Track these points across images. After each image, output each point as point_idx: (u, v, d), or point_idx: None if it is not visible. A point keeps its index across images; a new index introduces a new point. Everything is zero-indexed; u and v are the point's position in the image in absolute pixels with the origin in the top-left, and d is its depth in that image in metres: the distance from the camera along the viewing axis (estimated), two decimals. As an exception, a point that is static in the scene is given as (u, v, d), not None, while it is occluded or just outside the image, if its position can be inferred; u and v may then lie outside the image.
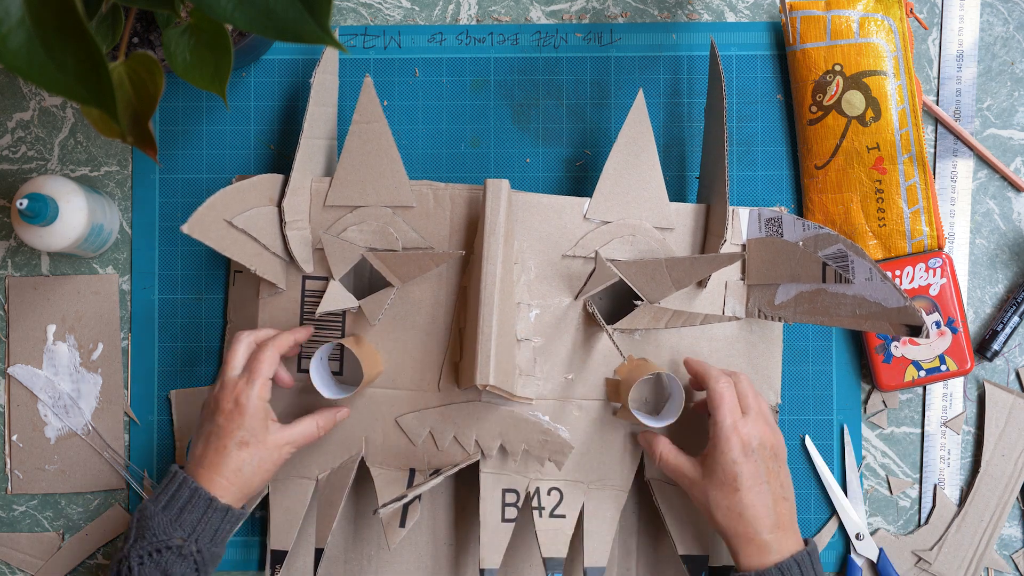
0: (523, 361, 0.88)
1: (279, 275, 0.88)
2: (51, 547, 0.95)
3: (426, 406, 0.88)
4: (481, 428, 0.87)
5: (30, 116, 0.97)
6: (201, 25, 0.72)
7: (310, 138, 0.89)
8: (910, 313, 0.79)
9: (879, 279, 0.80)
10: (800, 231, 0.86)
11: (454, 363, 0.88)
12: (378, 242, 0.88)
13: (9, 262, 0.96)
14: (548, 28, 0.97)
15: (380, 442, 0.89)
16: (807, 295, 0.85)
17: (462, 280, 0.88)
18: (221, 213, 0.83)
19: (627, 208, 0.88)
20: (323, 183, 0.89)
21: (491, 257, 0.83)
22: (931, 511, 0.95)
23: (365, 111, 0.87)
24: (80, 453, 0.95)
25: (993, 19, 0.98)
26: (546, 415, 0.88)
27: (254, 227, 0.85)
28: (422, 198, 0.88)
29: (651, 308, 0.85)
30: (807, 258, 0.84)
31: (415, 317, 0.88)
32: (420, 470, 0.89)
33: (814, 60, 0.93)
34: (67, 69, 0.54)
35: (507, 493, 0.87)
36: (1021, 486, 0.94)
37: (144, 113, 0.65)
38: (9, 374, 0.96)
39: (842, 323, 0.83)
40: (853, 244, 0.82)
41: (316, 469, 0.90)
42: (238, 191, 0.84)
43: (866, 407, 0.96)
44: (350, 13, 0.98)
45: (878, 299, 0.80)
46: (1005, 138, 0.97)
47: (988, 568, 0.95)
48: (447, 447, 0.88)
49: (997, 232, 0.97)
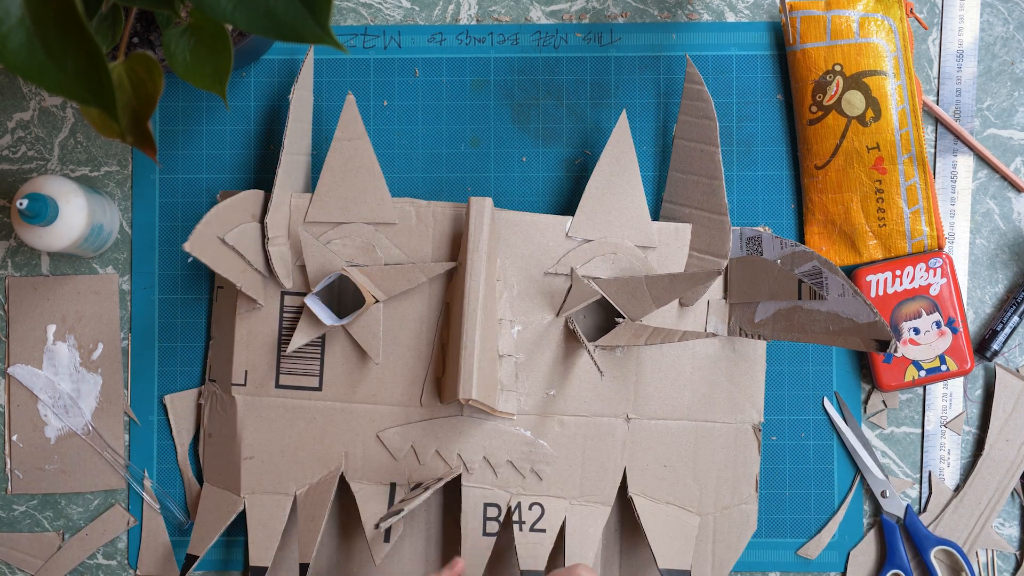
0: (505, 377, 0.87)
1: (259, 290, 0.88)
2: (51, 547, 0.95)
3: (408, 421, 0.88)
4: (464, 442, 0.87)
5: (30, 116, 0.97)
6: (201, 25, 0.72)
7: (290, 154, 0.89)
8: (879, 328, 0.80)
9: (851, 295, 0.82)
10: (778, 249, 0.88)
11: (437, 378, 0.88)
12: (360, 258, 0.88)
13: (9, 262, 0.96)
14: (548, 28, 0.97)
15: (360, 457, 0.89)
16: (784, 312, 0.87)
17: (445, 296, 0.88)
18: (215, 230, 0.84)
19: (609, 227, 0.89)
20: (303, 199, 0.89)
21: (474, 273, 0.83)
22: (928, 498, 0.95)
23: (347, 128, 0.88)
24: (80, 453, 0.95)
25: (993, 19, 0.98)
26: (528, 430, 0.88)
27: (241, 243, 0.86)
28: (404, 215, 0.88)
29: (632, 325, 0.86)
30: (784, 276, 0.85)
31: (397, 332, 0.88)
32: (401, 484, 0.89)
33: (814, 60, 0.93)
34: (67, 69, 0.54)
35: (489, 507, 0.87)
36: (1022, 474, 0.94)
37: (143, 113, 0.65)
38: (9, 374, 0.96)
39: (817, 339, 0.84)
40: (827, 260, 0.84)
41: (293, 485, 0.89)
42: (227, 208, 0.85)
43: (866, 407, 0.96)
44: (350, 13, 0.98)
45: (850, 315, 0.82)
46: (1005, 138, 0.97)
47: (988, 549, 0.95)
48: (429, 461, 0.88)
49: (997, 232, 0.97)
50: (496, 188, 0.97)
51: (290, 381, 0.89)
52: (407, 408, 0.88)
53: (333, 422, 0.89)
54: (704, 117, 0.89)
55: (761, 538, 0.94)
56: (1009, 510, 0.96)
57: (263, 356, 0.90)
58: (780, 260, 0.87)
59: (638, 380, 0.89)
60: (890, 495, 0.94)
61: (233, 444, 0.90)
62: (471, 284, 0.83)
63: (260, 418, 0.90)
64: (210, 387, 0.93)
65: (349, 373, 0.89)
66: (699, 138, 0.90)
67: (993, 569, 0.95)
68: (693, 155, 0.90)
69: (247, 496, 0.90)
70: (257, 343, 0.90)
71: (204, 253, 0.83)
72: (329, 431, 0.89)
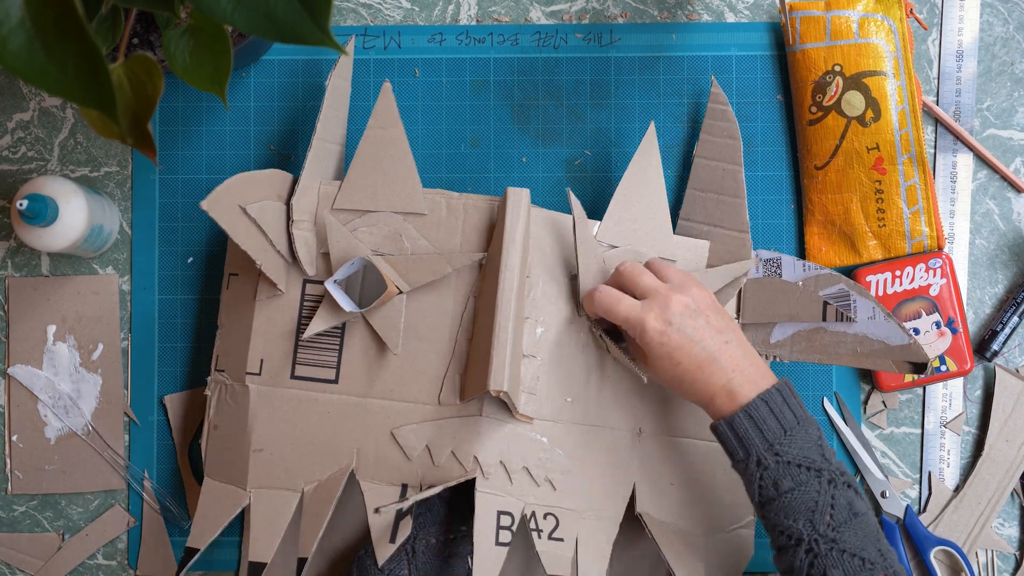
0: (526, 378, 0.85)
1: (281, 276, 0.87)
2: (51, 547, 0.95)
3: (424, 419, 0.86)
4: (481, 444, 0.84)
5: (30, 116, 0.97)
6: (201, 26, 0.72)
7: (322, 140, 0.87)
8: (915, 351, 0.80)
9: (882, 317, 0.82)
10: (800, 272, 0.88)
11: (457, 376, 0.86)
12: (386, 247, 0.86)
13: (9, 262, 0.96)
14: (548, 28, 0.97)
15: (372, 455, 0.86)
16: (804, 334, 0.87)
17: (471, 290, 0.86)
18: (237, 198, 0.82)
19: (635, 235, 0.88)
20: (332, 187, 0.88)
21: (510, 264, 0.81)
22: (927, 498, 0.95)
23: (381, 116, 0.86)
24: (80, 453, 0.95)
25: (993, 19, 0.98)
26: (544, 437, 0.85)
27: (263, 219, 0.84)
28: (435, 206, 0.87)
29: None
30: (807, 297, 0.86)
31: (419, 327, 0.86)
32: (412, 486, 0.85)
33: (814, 60, 0.93)
34: (67, 71, 0.54)
35: (502, 515, 0.83)
36: (1021, 474, 0.94)
37: (143, 114, 0.65)
38: (9, 374, 0.96)
39: (841, 361, 0.84)
40: (855, 284, 0.84)
41: (302, 481, 0.87)
42: (252, 179, 0.84)
43: (866, 407, 0.96)
44: (350, 13, 0.98)
45: (881, 337, 0.82)
46: (1005, 138, 0.97)
47: (988, 550, 0.95)
48: (444, 462, 0.85)
49: (997, 232, 0.97)
50: (496, 188, 0.97)
51: (306, 372, 0.87)
52: (424, 406, 0.86)
53: (347, 417, 0.86)
54: (729, 137, 0.90)
55: (761, 537, 0.94)
56: (1009, 510, 0.96)
57: (280, 345, 0.87)
58: (803, 282, 0.87)
59: (651, 395, 0.88)
60: (890, 495, 0.94)
61: (242, 436, 0.88)
62: (506, 275, 0.81)
63: (273, 409, 0.87)
64: (218, 377, 0.90)
65: (367, 367, 0.87)
66: (722, 157, 0.90)
67: (993, 569, 0.95)
68: (715, 174, 0.91)
69: (253, 491, 0.87)
70: (275, 331, 0.87)
71: (222, 217, 0.81)
72: (343, 426, 0.86)
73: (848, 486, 0.75)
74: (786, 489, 0.74)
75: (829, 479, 0.74)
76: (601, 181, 0.97)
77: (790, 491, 0.74)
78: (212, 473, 0.90)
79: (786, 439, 0.75)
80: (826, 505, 0.73)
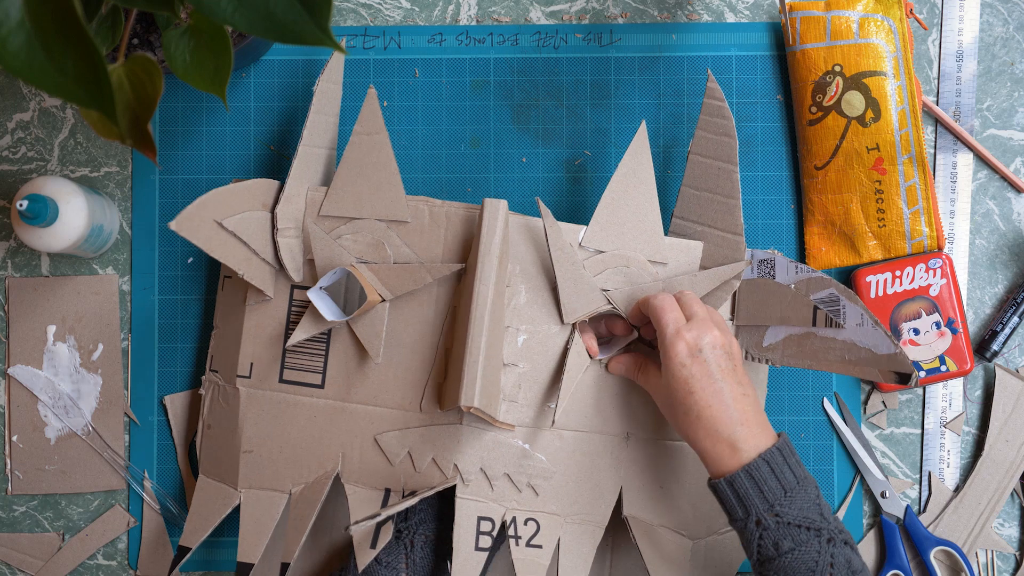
0: (507, 386, 0.86)
1: (267, 282, 0.87)
2: (51, 547, 0.95)
3: (407, 426, 0.87)
4: (461, 452, 0.86)
5: (30, 117, 0.97)
6: (201, 27, 0.72)
7: (309, 146, 0.88)
8: (900, 360, 0.79)
9: (870, 325, 0.81)
10: (793, 274, 0.87)
11: (438, 384, 0.87)
12: (369, 255, 0.87)
13: (9, 263, 0.96)
14: (548, 28, 0.97)
15: (357, 459, 0.87)
16: (795, 338, 0.86)
17: (452, 299, 0.87)
18: (212, 213, 0.83)
19: (622, 239, 0.87)
20: (319, 192, 0.88)
21: (484, 277, 0.82)
22: (927, 499, 0.95)
23: (367, 122, 0.86)
24: (80, 453, 0.95)
25: (993, 19, 0.98)
26: (526, 443, 0.86)
27: (245, 231, 0.84)
28: (417, 214, 0.87)
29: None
30: (798, 301, 0.85)
31: (401, 334, 0.87)
32: (395, 491, 0.87)
33: (814, 61, 0.93)
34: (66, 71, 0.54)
35: (482, 521, 0.85)
36: (1021, 474, 0.94)
37: (143, 115, 0.65)
38: (9, 375, 0.96)
39: (831, 368, 0.84)
40: (846, 289, 0.83)
41: (290, 483, 0.88)
42: (231, 192, 0.84)
43: (866, 407, 0.96)
44: (350, 14, 0.98)
45: (868, 345, 0.81)
46: (1005, 138, 0.97)
47: (987, 550, 0.95)
48: (425, 469, 0.86)
49: (997, 232, 0.97)
50: (496, 189, 0.97)
51: (293, 376, 0.88)
52: (407, 412, 0.87)
53: (333, 421, 0.88)
54: (724, 134, 0.87)
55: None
56: (1009, 510, 0.96)
57: (268, 349, 0.89)
58: (794, 285, 0.86)
59: (640, 398, 0.88)
60: (890, 495, 0.94)
61: (233, 436, 0.90)
62: (480, 288, 0.81)
63: (261, 412, 0.89)
64: (212, 378, 0.92)
65: (351, 373, 0.88)
66: (717, 155, 0.88)
67: (993, 569, 0.95)
68: (709, 172, 0.89)
69: (243, 491, 0.89)
70: (264, 336, 0.89)
71: (196, 234, 0.81)
72: (328, 430, 0.88)
73: (845, 543, 0.76)
74: (786, 550, 0.74)
75: (828, 538, 0.75)
76: (601, 181, 0.97)
77: (790, 551, 0.74)
78: (206, 471, 0.92)
79: (786, 500, 0.75)
80: (825, 564, 0.74)
